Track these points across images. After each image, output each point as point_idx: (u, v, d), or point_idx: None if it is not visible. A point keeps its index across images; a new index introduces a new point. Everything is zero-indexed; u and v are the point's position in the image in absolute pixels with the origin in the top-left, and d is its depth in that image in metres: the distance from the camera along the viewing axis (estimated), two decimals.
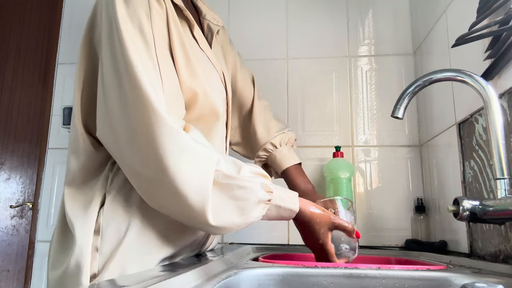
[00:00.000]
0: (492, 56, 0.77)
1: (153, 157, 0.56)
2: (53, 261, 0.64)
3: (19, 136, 1.68)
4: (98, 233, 0.60)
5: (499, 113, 0.63)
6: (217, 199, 0.60)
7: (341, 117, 1.36)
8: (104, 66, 0.61)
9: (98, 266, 0.59)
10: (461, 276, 0.59)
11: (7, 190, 1.66)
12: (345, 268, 0.62)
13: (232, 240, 1.29)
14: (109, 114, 0.60)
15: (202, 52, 0.76)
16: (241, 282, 0.58)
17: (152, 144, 0.55)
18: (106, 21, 0.62)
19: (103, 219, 0.61)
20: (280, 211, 0.69)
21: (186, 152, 0.57)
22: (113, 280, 0.45)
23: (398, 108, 0.70)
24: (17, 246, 1.60)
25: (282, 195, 0.69)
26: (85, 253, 0.58)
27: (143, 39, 0.60)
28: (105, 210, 0.62)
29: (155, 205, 0.62)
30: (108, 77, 0.60)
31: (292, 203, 0.71)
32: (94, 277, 0.58)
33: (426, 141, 1.23)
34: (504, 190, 0.61)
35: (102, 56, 0.62)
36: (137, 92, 0.56)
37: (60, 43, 1.54)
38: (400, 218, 1.26)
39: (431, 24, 1.17)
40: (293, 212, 0.71)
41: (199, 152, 0.59)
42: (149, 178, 0.58)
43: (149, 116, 0.55)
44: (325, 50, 1.41)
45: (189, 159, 0.57)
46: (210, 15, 0.85)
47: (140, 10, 0.61)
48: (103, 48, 0.62)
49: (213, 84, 0.76)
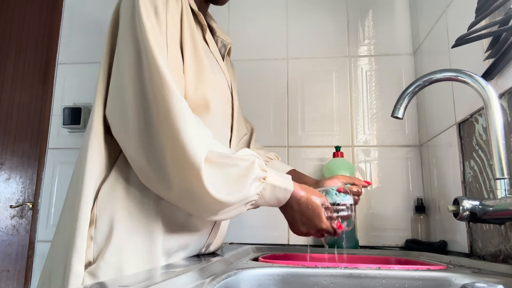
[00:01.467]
0: (492, 56, 0.77)
1: (166, 123, 0.59)
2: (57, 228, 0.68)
3: (19, 136, 1.68)
4: (93, 223, 0.62)
5: (499, 113, 0.63)
6: (213, 173, 0.61)
7: (341, 117, 1.36)
8: (122, 48, 0.65)
9: (93, 254, 0.61)
10: (461, 276, 0.59)
11: (7, 190, 1.66)
12: (345, 268, 0.62)
13: (232, 240, 1.29)
14: (122, 91, 0.64)
15: (211, 54, 0.80)
16: (241, 282, 0.58)
17: (166, 112, 0.59)
18: (128, 11, 0.66)
19: (97, 209, 0.63)
20: (275, 191, 0.70)
21: (194, 124, 0.61)
22: (113, 280, 0.45)
23: (398, 108, 0.70)
24: (17, 246, 1.60)
25: (275, 175, 0.71)
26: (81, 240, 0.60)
27: (157, 23, 0.64)
28: (99, 201, 0.64)
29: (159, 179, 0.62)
30: (126, 58, 0.64)
31: (286, 183, 0.72)
32: (89, 264, 0.61)
33: (426, 141, 1.23)
34: (504, 190, 0.61)
35: (121, 40, 0.66)
36: (154, 68, 0.60)
37: (60, 43, 1.54)
38: (400, 218, 1.26)
39: (431, 24, 1.17)
40: (287, 192, 0.72)
41: (201, 123, 0.63)
42: (158, 145, 0.60)
43: (164, 90, 0.59)
44: (325, 50, 1.41)
45: (194, 128, 0.61)
46: (222, 35, 0.91)
47: (158, 3, 0.66)
48: (123, 34, 0.66)
49: (219, 84, 0.78)
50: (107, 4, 1.56)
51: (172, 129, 0.58)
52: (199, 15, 0.76)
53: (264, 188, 0.68)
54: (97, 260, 0.61)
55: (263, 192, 0.68)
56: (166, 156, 0.60)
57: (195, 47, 0.71)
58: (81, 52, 1.52)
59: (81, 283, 0.59)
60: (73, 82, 1.50)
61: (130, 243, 0.63)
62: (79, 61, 1.52)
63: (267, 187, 0.68)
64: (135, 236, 0.64)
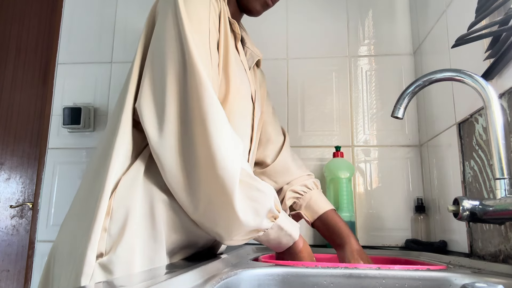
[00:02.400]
0: (492, 56, 0.77)
1: (199, 123, 0.60)
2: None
3: (19, 136, 1.68)
4: (108, 215, 0.62)
5: (499, 113, 0.63)
6: (243, 197, 0.61)
7: (341, 117, 1.36)
8: (165, 45, 0.66)
9: (106, 246, 0.60)
10: (461, 276, 0.59)
11: (7, 190, 1.66)
12: (345, 268, 0.62)
13: None
14: (159, 91, 0.64)
15: (240, 62, 0.81)
16: (241, 282, 0.58)
17: (200, 111, 0.60)
18: (169, 10, 0.67)
19: (114, 202, 0.62)
20: (281, 235, 0.69)
21: (226, 128, 0.61)
22: (113, 280, 0.45)
23: (398, 108, 0.70)
24: (17, 246, 1.60)
25: (285, 218, 0.70)
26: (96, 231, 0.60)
27: (199, 29, 0.66)
28: (117, 193, 0.63)
29: (186, 182, 0.62)
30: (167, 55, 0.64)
31: (293, 230, 0.71)
32: (101, 256, 0.60)
33: (426, 141, 1.23)
34: (504, 190, 0.61)
35: (163, 37, 0.67)
36: (196, 73, 0.61)
37: (60, 43, 1.54)
38: (400, 218, 1.26)
39: (431, 24, 1.17)
40: (291, 240, 0.71)
41: (234, 134, 0.63)
42: (189, 146, 0.60)
43: (202, 92, 0.60)
44: (325, 50, 1.41)
45: (227, 134, 0.61)
46: (252, 47, 0.92)
47: (201, 3, 0.67)
48: (161, 32, 0.67)
49: (243, 92, 0.79)
50: (107, 4, 1.56)
51: (208, 138, 0.59)
52: (234, 23, 0.77)
53: (272, 227, 0.67)
54: (110, 252, 0.60)
55: (270, 231, 0.67)
56: (200, 164, 0.60)
57: (226, 53, 0.72)
58: (81, 52, 1.52)
59: (91, 274, 0.58)
60: (73, 82, 1.50)
61: (140, 239, 0.63)
62: (79, 61, 1.52)
63: (274, 227, 0.68)
64: (146, 233, 0.64)
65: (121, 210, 0.62)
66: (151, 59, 0.67)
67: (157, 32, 0.68)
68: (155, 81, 0.65)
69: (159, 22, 0.68)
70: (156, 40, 0.67)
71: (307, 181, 0.98)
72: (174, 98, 0.62)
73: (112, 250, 0.60)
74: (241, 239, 0.66)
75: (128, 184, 0.64)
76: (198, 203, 0.62)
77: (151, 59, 0.67)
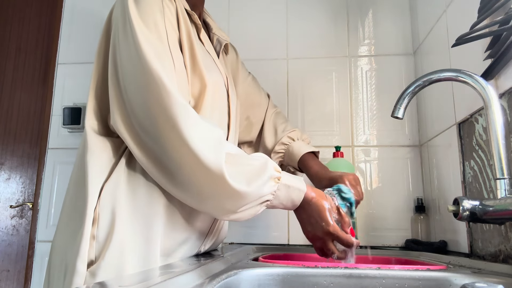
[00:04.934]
0: (492, 56, 0.77)
1: (170, 129, 0.61)
2: None
3: (19, 136, 1.68)
4: (95, 222, 0.63)
5: (499, 113, 0.63)
6: (232, 170, 0.63)
7: (341, 117, 1.36)
8: (121, 59, 0.67)
9: (95, 253, 0.61)
10: (461, 276, 0.59)
11: (7, 190, 1.66)
12: (345, 268, 0.62)
13: (232, 240, 1.29)
14: (128, 106, 0.66)
15: (207, 53, 0.80)
16: (241, 282, 0.58)
17: (168, 118, 0.61)
18: (121, 19, 0.67)
19: (99, 208, 0.63)
20: (290, 191, 0.71)
21: (198, 124, 0.63)
22: (113, 280, 0.45)
23: (398, 108, 0.70)
24: (17, 246, 1.60)
25: (289, 176, 0.72)
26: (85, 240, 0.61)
27: (157, 33, 0.66)
28: (101, 200, 0.64)
29: (176, 181, 0.64)
30: (126, 67, 0.66)
31: (299, 184, 0.73)
32: (91, 263, 0.61)
33: (426, 141, 1.23)
34: (504, 190, 0.61)
35: (118, 50, 0.67)
36: (156, 80, 0.62)
37: (60, 43, 1.54)
38: (400, 218, 1.26)
39: (431, 24, 1.17)
40: (301, 192, 0.72)
41: (208, 125, 0.65)
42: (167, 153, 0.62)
43: (165, 97, 0.61)
44: (325, 50, 1.41)
45: (202, 129, 0.63)
46: (218, 32, 0.92)
47: (154, 6, 0.67)
48: (117, 43, 0.67)
49: (214, 82, 0.79)
50: (107, 4, 1.55)
51: (184, 139, 0.60)
52: (193, 15, 0.77)
53: (279, 188, 0.69)
54: (99, 259, 0.61)
55: (278, 193, 0.69)
56: (181, 165, 0.62)
57: (192, 49, 0.73)
58: (81, 52, 1.52)
59: (83, 283, 0.59)
60: (73, 82, 1.50)
61: (130, 242, 0.63)
62: (79, 61, 1.52)
63: (281, 188, 0.69)
64: (135, 235, 0.64)
65: (107, 216, 0.63)
66: (113, 72, 0.68)
67: (113, 44, 0.69)
68: (122, 96, 0.66)
69: (114, 32, 0.69)
70: (116, 54, 0.68)
71: (284, 139, 1.06)
72: (140, 110, 0.63)
73: (101, 257, 0.61)
74: (251, 212, 0.68)
75: (110, 190, 0.65)
76: (197, 197, 0.65)
77: (113, 71, 0.68)
